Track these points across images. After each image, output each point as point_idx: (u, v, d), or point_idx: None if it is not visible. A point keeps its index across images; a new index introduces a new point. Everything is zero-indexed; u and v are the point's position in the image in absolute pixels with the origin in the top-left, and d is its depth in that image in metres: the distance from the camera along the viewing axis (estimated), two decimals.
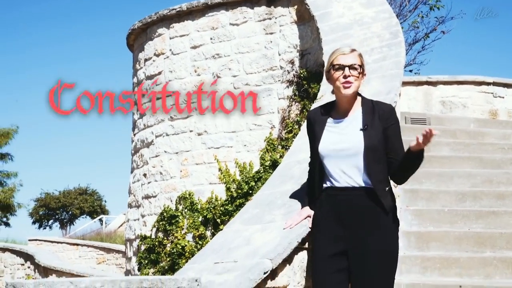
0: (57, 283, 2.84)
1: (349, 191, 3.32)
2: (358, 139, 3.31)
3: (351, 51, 3.39)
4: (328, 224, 3.36)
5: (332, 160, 3.36)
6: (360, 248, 3.26)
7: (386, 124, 3.36)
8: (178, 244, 8.70)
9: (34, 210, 39.57)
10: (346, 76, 3.33)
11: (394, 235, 3.37)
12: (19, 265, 18.66)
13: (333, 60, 3.39)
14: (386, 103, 3.53)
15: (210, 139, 9.01)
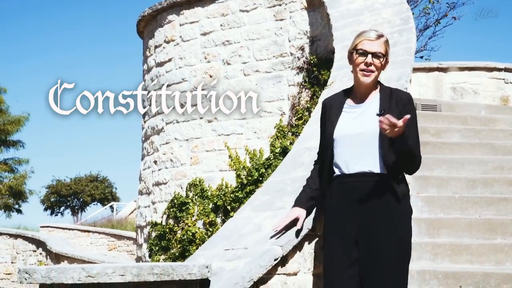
0: (69, 270, 2.87)
1: (361, 177, 3.22)
2: (374, 123, 3.18)
3: (378, 37, 3.28)
4: (340, 212, 3.26)
5: (346, 145, 3.26)
6: (373, 237, 3.17)
7: (403, 112, 3.20)
8: (189, 231, 8.74)
9: (46, 197, 39.85)
10: (368, 64, 3.24)
11: (407, 223, 3.29)
12: (31, 251, 18.82)
13: (357, 44, 3.28)
14: (405, 91, 3.46)
15: (220, 126, 9.01)
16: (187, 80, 9.42)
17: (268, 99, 8.69)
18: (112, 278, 2.87)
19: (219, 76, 9.13)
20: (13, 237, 19.73)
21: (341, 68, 6.14)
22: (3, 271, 19.61)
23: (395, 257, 3.18)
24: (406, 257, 3.27)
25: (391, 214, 3.19)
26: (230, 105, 8.64)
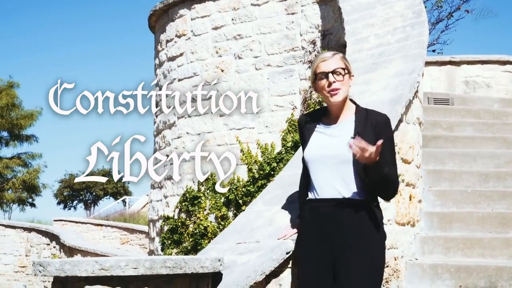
0: (83, 263, 2.89)
1: (332, 202, 3.07)
2: (347, 147, 3.02)
3: (333, 55, 3.17)
4: (311, 239, 3.13)
5: (318, 167, 3.13)
6: (344, 263, 3.03)
7: (378, 137, 3.03)
8: (201, 224, 8.77)
9: (59, 191, 40.12)
10: (331, 83, 3.11)
11: (380, 248, 3.14)
12: (44, 245, 18.96)
13: (315, 69, 3.17)
14: (381, 113, 3.23)
15: (232, 121, 9.02)
16: (198, 74, 9.44)
17: (280, 93, 8.68)
18: (125, 271, 2.89)
19: (230, 70, 9.13)
20: (27, 230, 19.89)
21: (353, 62, 6.12)
22: (18, 264, 19.78)
23: (364, 281, 3.02)
24: (376, 283, 3.09)
25: (363, 239, 3.05)
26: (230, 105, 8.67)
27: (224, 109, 9.10)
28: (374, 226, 3.09)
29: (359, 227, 3.05)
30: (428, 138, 6.25)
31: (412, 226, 4.90)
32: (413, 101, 5.14)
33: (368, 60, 5.98)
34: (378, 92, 5.18)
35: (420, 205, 5.24)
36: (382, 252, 3.15)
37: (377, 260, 3.10)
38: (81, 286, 2.91)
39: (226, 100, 9.24)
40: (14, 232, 20.22)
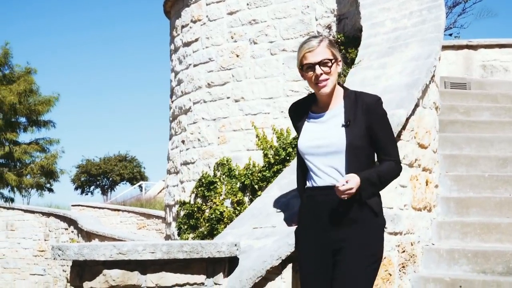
0: (101, 247, 2.93)
1: (329, 190, 2.97)
2: (340, 136, 2.99)
3: (318, 44, 3.01)
4: (309, 226, 3.10)
5: (312, 158, 3.07)
6: (341, 251, 2.99)
7: (370, 119, 3.01)
8: (217, 209, 8.81)
9: (76, 176, 40.46)
10: (318, 75, 3.00)
11: (377, 234, 3.06)
12: (63, 229, 19.17)
13: (301, 59, 3.05)
14: (372, 94, 3.13)
15: (248, 106, 9.03)
16: (214, 59, 9.43)
17: (295, 78, 8.66)
18: (143, 255, 2.92)
19: (245, 55, 9.12)
20: (46, 215, 20.12)
21: (369, 46, 6.09)
22: (37, 248, 20.04)
23: (360, 263, 2.97)
24: (371, 267, 3.03)
25: (360, 226, 2.99)
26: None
27: (240, 94, 9.11)
28: (371, 212, 3.01)
29: (355, 215, 2.98)
30: (445, 122, 6.22)
31: (428, 211, 4.89)
32: (430, 86, 5.10)
33: (384, 44, 5.94)
34: (394, 77, 5.15)
35: (437, 190, 5.22)
36: (380, 240, 3.07)
37: (373, 248, 3.02)
38: (99, 270, 2.94)
39: (241, 85, 9.26)
40: (33, 217, 20.47)
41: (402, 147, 4.48)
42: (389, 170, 3.06)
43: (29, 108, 14.44)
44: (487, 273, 4.44)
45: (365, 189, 2.94)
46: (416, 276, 4.43)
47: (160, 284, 2.99)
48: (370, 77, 5.38)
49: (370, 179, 2.96)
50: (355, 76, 5.59)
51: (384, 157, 3.07)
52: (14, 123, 14.72)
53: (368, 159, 3.07)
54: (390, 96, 4.83)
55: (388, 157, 3.07)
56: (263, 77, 8.94)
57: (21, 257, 20.42)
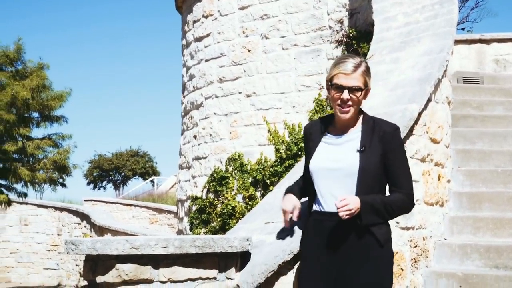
0: (114, 241, 2.95)
1: (337, 216, 2.82)
2: (353, 160, 2.90)
3: (355, 69, 2.90)
4: (314, 254, 2.96)
5: (323, 180, 2.96)
6: (348, 283, 2.86)
7: (386, 148, 2.92)
8: (229, 204, 8.83)
9: (88, 171, 40.64)
10: (344, 100, 2.90)
11: (387, 268, 2.92)
12: (75, 224, 19.28)
13: (333, 76, 2.94)
14: (391, 123, 3.04)
15: (259, 101, 9.03)
16: (225, 54, 9.44)
17: (307, 73, 8.65)
18: (155, 250, 2.94)
19: (257, 50, 9.11)
20: (59, 210, 20.24)
21: (381, 41, 6.07)
22: (50, 242, 20.18)
23: None
24: None
25: (369, 258, 2.86)
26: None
27: (251, 89, 9.11)
28: (380, 244, 2.88)
29: (364, 246, 2.86)
30: (458, 117, 6.19)
31: (441, 206, 4.88)
32: (442, 80, 5.08)
33: (396, 39, 5.92)
34: (406, 71, 5.13)
35: (449, 185, 5.20)
36: (390, 272, 2.93)
37: (383, 281, 2.89)
38: (112, 264, 2.97)
39: (253, 80, 9.26)
40: (46, 211, 20.60)
41: (414, 142, 4.47)
42: (397, 201, 2.93)
43: (41, 103, 14.50)
44: (499, 268, 4.43)
45: (365, 213, 2.82)
46: (428, 271, 4.43)
47: (173, 279, 3.01)
48: (382, 72, 5.37)
49: (373, 204, 2.85)
50: None
51: (395, 189, 2.95)
52: (27, 118, 14.79)
53: (380, 188, 2.95)
54: (402, 90, 4.81)
55: (399, 189, 2.94)
56: (275, 72, 8.94)
57: (34, 251, 20.58)
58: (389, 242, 2.94)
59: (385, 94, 4.93)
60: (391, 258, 2.95)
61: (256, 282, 3.11)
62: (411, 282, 4.27)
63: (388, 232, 2.94)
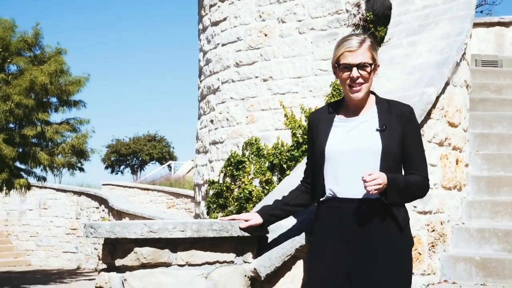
0: (132, 225, 2.98)
1: (355, 202, 2.75)
2: (374, 139, 2.76)
3: (359, 45, 2.80)
4: (329, 243, 2.82)
5: (339, 164, 2.80)
6: (368, 272, 2.74)
7: (405, 128, 2.81)
8: (245, 189, 8.86)
9: (106, 156, 40.91)
10: (354, 78, 2.79)
11: (408, 256, 2.82)
12: (94, 208, 19.47)
13: (339, 57, 2.83)
14: (405, 104, 2.94)
15: (276, 85, 9.01)
16: (242, 39, 9.42)
17: (324, 57, 8.61)
18: (173, 234, 2.97)
19: (273, 34, 9.08)
20: (77, 194, 20.44)
21: (399, 25, 6.02)
22: (69, 226, 20.41)
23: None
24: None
25: (391, 247, 2.75)
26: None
27: (268, 74, 9.09)
28: (402, 230, 2.78)
29: (387, 232, 2.75)
30: (476, 101, 6.14)
31: (458, 190, 4.86)
32: (460, 64, 5.04)
33: (414, 22, 5.87)
34: (424, 55, 5.09)
35: (467, 169, 5.18)
36: (409, 260, 2.83)
37: (402, 269, 2.78)
38: (131, 247, 3.00)
39: (269, 65, 9.23)
40: (65, 195, 20.82)
41: (432, 125, 4.45)
42: (416, 182, 2.83)
43: (60, 88, 14.57)
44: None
45: (391, 190, 2.71)
46: (446, 255, 4.42)
47: (191, 262, 3.04)
48: (400, 55, 5.33)
49: (396, 182, 2.73)
50: (384, 54, 5.54)
51: (412, 171, 2.83)
52: (46, 103, 14.88)
53: (399, 170, 2.85)
54: (420, 74, 4.78)
55: (417, 172, 2.84)
56: (292, 56, 8.91)
57: (54, 235, 20.83)
58: (408, 227, 2.85)
59: (402, 78, 4.90)
60: (411, 245, 2.85)
61: (274, 265, 3.13)
62: (428, 266, 4.27)
63: (407, 217, 2.84)
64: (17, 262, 20.71)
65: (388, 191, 2.69)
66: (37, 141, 14.86)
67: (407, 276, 2.80)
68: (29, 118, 14.25)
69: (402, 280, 2.77)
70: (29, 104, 13.72)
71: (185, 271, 3.02)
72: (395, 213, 2.76)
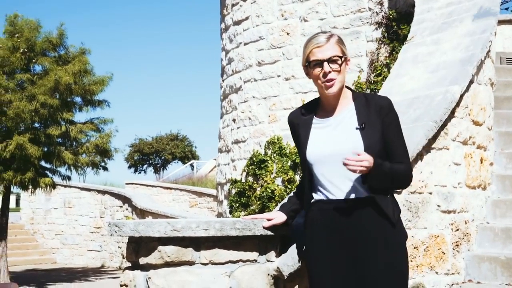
0: (156, 224, 3.00)
1: (345, 203, 2.76)
2: (355, 139, 2.75)
3: (327, 40, 2.79)
4: (323, 246, 2.81)
5: (323, 167, 2.80)
6: (364, 271, 2.73)
7: (385, 121, 2.78)
8: (268, 188, 8.86)
9: (129, 155, 41.25)
10: (326, 73, 2.77)
11: (402, 251, 2.81)
12: (117, 207, 19.62)
13: (308, 55, 2.81)
14: (382, 96, 2.90)
15: (298, 84, 9.00)
16: (264, 38, 9.42)
17: None
18: (196, 232, 2.99)
19: (296, 33, 9.07)
20: (101, 193, 20.63)
21: (422, 22, 5.98)
22: (93, 225, 20.60)
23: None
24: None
25: (387, 243, 2.74)
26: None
27: (290, 73, 9.08)
28: (394, 225, 2.77)
29: (378, 228, 2.74)
30: (501, 99, 6.07)
31: (483, 189, 4.81)
32: (485, 61, 4.99)
33: (437, 20, 5.82)
34: (448, 53, 5.05)
35: (492, 168, 5.12)
36: (404, 255, 2.81)
37: (398, 265, 2.77)
38: (155, 246, 3.02)
39: (292, 63, 9.22)
40: (89, 194, 21.02)
41: (456, 124, 4.41)
42: (401, 170, 2.80)
43: (84, 88, 14.71)
44: None
45: (375, 174, 2.68)
46: (470, 255, 4.39)
47: (214, 261, 3.05)
48: (423, 54, 5.30)
49: (382, 166, 2.71)
50: (407, 52, 5.51)
51: (396, 161, 2.80)
52: (70, 103, 15.04)
53: None
54: (443, 72, 4.75)
55: (401, 162, 2.80)
56: None
57: (78, 233, 21.04)
58: (400, 222, 2.83)
59: (425, 76, 4.87)
60: (404, 238, 2.83)
61: (297, 264, 3.13)
62: (452, 265, 4.23)
63: (397, 210, 2.82)
64: (42, 260, 20.97)
65: (372, 176, 2.69)
66: (62, 140, 15.03)
67: (403, 271, 2.78)
68: (53, 118, 14.41)
69: (398, 275, 2.75)
70: (53, 104, 13.88)
71: (208, 270, 3.04)
72: (384, 210, 2.75)
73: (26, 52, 14.23)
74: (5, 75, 14.21)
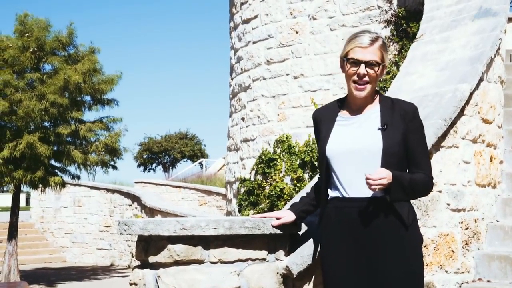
0: (165, 222, 3.01)
1: (360, 202, 2.75)
2: (376, 139, 2.75)
3: (371, 43, 2.77)
4: (338, 244, 2.81)
5: (342, 164, 2.81)
6: (380, 272, 2.72)
7: (409, 127, 2.78)
8: (277, 186, 8.86)
9: (139, 154, 41.33)
10: (361, 75, 2.77)
11: (418, 253, 2.80)
12: (127, 205, 19.68)
13: (349, 51, 2.80)
14: (409, 102, 2.89)
15: (307, 82, 8.99)
16: (273, 36, 9.42)
17: None
18: (206, 231, 2.99)
19: (304, 31, 9.06)
20: (110, 192, 20.69)
21: (431, 20, 5.96)
22: (103, 223, 20.67)
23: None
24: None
25: (400, 245, 2.73)
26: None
27: (299, 71, 9.08)
28: (409, 227, 2.76)
29: (394, 230, 2.74)
30: (510, 97, 6.03)
31: (493, 187, 4.79)
32: (495, 59, 4.97)
33: (446, 18, 5.80)
34: (457, 50, 5.03)
35: (502, 166, 5.10)
36: (419, 257, 2.80)
37: (413, 266, 2.75)
38: (164, 245, 3.03)
39: (300, 62, 9.22)
40: (98, 193, 21.09)
41: (466, 122, 4.40)
42: (421, 181, 2.79)
43: (93, 87, 14.77)
44: None
45: (395, 188, 2.69)
46: (480, 253, 4.37)
47: (223, 259, 3.06)
48: (433, 52, 5.28)
49: (401, 180, 2.72)
50: (416, 50, 5.49)
51: (416, 170, 2.81)
52: (79, 102, 15.10)
53: (403, 169, 2.81)
54: (453, 70, 4.73)
55: (421, 171, 2.81)
56: (323, 53, 8.88)
57: (88, 232, 21.12)
58: (415, 224, 2.81)
59: (435, 74, 4.85)
60: (419, 241, 2.82)
61: (306, 263, 3.13)
62: (462, 264, 4.22)
63: (412, 214, 2.80)
64: (52, 259, 21.07)
65: (392, 188, 2.69)
66: (71, 139, 15.09)
67: (418, 273, 2.77)
68: (63, 117, 14.47)
69: (413, 277, 2.74)
70: (63, 103, 13.93)
71: (217, 268, 3.04)
72: (399, 211, 2.74)
73: (36, 51, 14.29)
74: (15, 75, 14.29)
